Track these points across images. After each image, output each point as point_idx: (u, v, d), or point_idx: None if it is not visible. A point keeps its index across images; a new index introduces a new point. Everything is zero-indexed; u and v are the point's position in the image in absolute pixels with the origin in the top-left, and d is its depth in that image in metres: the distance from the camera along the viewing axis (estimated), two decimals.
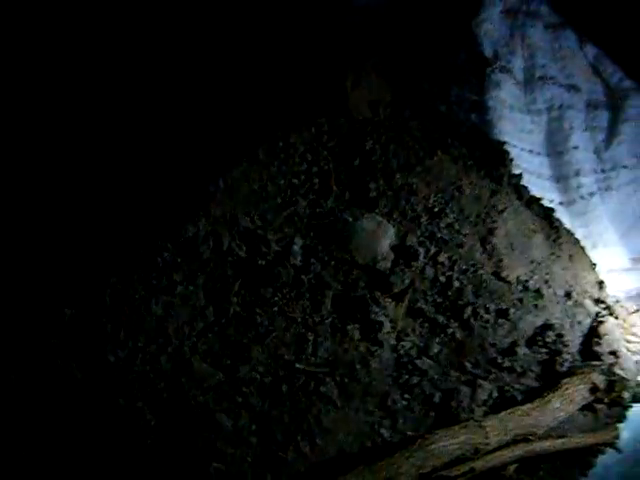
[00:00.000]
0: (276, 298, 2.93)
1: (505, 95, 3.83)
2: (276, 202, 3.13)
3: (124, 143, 3.33)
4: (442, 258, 3.02)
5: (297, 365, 2.82)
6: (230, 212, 3.06)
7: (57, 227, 3.12)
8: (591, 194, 3.70)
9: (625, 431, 2.85)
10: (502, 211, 3.15)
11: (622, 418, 2.85)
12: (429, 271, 3.00)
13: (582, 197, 3.69)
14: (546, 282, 3.06)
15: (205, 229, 3.02)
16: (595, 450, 2.80)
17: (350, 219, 3.04)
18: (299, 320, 2.90)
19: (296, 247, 3.01)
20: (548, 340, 2.92)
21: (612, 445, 2.80)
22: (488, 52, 3.95)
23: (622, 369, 2.88)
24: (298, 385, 2.78)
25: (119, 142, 3.33)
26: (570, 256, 3.21)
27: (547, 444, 2.70)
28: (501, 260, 3.03)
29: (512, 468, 2.68)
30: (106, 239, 3.03)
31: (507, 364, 2.88)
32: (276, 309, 2.91)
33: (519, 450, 2.65)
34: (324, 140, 3.30)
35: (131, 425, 2.64)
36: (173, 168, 3.17)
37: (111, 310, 2.84)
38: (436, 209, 3.13)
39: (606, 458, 2.83)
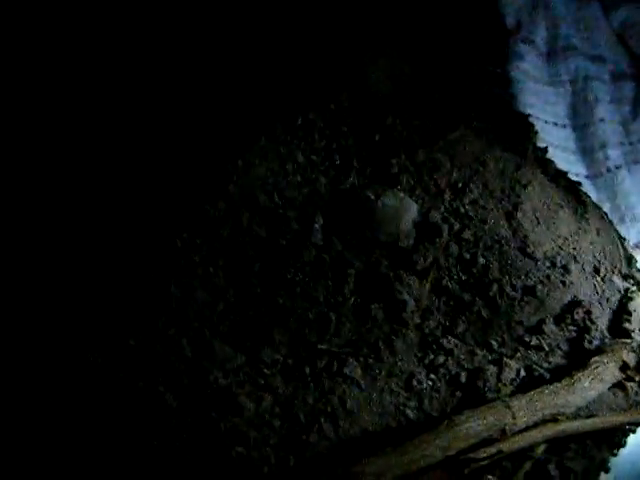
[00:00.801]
0: (297, 278, 2.88)
1: (528, 67, 3.77)
2: (296, 180, 3.07)
3: (140, 125, 3.28)
4: (466, 234, 2.95)
5: (320, 346, 2.78)
6: (249, 191, 3.01)
7: (75, 208, 3.08)
8: (618, 167, 3.61)
9: None
10: (527, 185, 3.07)
11: None
12: (453, 248, 2.93)
13: (609, 170, 3.61)
14: (574, 258, 2.98)
15: (224, 209, 2.97)
16: (626, 430, 2.75)
17: (372, 196, 2.98)
18: (321, 300, 2.86)
19: (317, 226, 2.95)
20: (576, 317, 2.85)
21: None
22: (510, 23, 3.90)
23: None
24: (321, 367, 2.74)
25: (135, 124, 3.27)
26: (598, 230, 3.13)
27: (576, 424, 2.64)
28: (527, 236, 2.95)
29: (540, 449, 2.64)
30: (124, 222, 2.99)
31: (534, 342, 2.82)
32: (298, 290, 2.86)
33: (547, 430, 2.59)
34: (344, 116, 3.23)
35: (152, 409, 2.62)
36: (191, 149, 3.12)
37: (130, 293, 2.81)
38: (460, 184, 3.06)
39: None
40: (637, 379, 2.79)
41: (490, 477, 2.55)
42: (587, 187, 3.44)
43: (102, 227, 3.00)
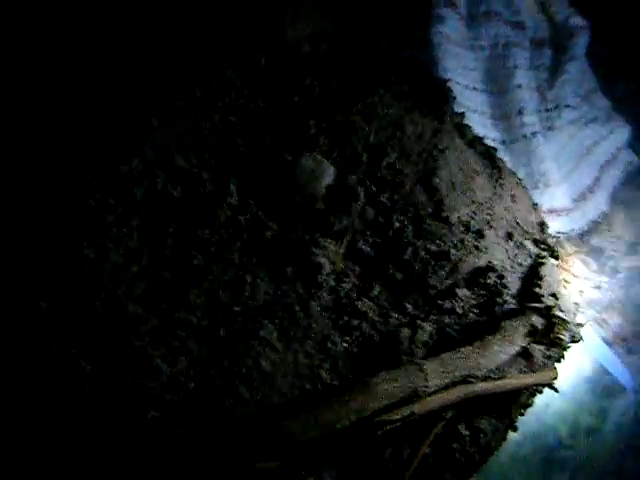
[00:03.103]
0: (213, 240, 2.85)
1: (449, 30, 3.76)
2: (212, 140, 3.02)
3: (55, 78, 3.17)
4: (382, 198, 2.95)
5: (235, 308, 2.76)
6: (165, 151, 2.95)
7: None
8: (534, 133, 3.66)
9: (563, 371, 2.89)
10: (444, 150, 3.07)
11: (561, 359, 2.87)
12: (369, 211, 2.94)
13: (525, 136, 3.66)
14: (488, 223, 3.02)
15: (139, 169, 2.91)
16: (534, 390, 2.83)
17: (289, 158, 2.96)
18: (237, 262, 2.84)
19: (232, 187, 2.92)
20: (489, 282, 2.90)
21: (550, 385, 2.83)
22: None
23: (561, 311, 2.88)
24: (236, 329, 2.73)
25: (49, 77, 3.16)
26: (512, 196, 3.17)
27: (487, 385, 2.70)
28: (442, 201, 2.97)
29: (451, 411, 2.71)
30: (35, 179, 2.90)
31: (448, 305, 2.86)
32: (213, 251, 2.84)
33: (459, 392, 2.65)
34: (262, 75, 3.18)
35: (65, 373, 2.57)
36: (106, 106, 3.03)
37: (41, 255, 2.74)
38: (377, 148, 3.05)
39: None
40: (545, 342, 2.86)
41: None
42: (503, 152, 3.50)
43: (12, 181, 2.91)
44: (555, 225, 3.41)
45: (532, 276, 3.00)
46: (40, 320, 2.64)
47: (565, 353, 2.89)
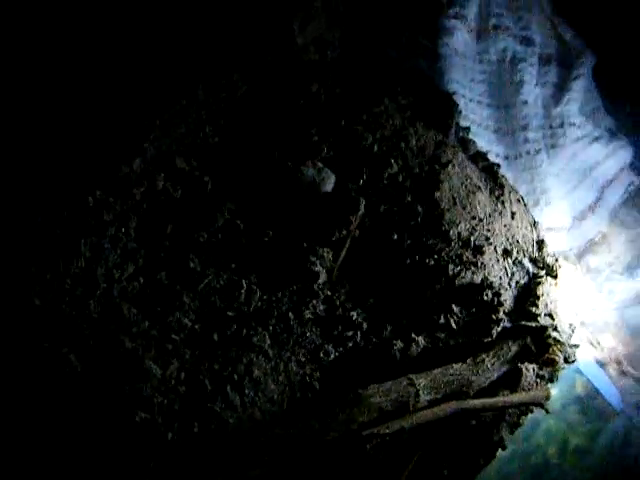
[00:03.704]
0: (210, 243, 2.85)
1: (457, 43, 3.74)
2: (214, 143, 3.01)
3: (58, 75, 3.15)
4: (382, 209, 2.95)
5: (229, 313, 2.76)
6: (166, 152, 2.94)
7: None
8: (537, 150, 3.68)
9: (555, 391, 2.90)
10: (447, 164, 3.08)
11: (553, 379, 2.87)
12: (368, 222, 2.94)
13: (528, 152, 3.67)
14: (487, 239, 3.01)
15: (139, 169, 2.90)
16: (525, 410, 2.83)
17: (291, 164, 2.95)
18: (233, 267, 2.83)
19: (233, 191, 2.92)
20: (485, 298, 2.90)
21: (542, 405, 2.83)
22: None
23: (557, 331, 2.89)
24: (229, 334, 2.72)
25: (52, 74, 3.14)
26: (512, 214, 3.17)
27: (477, 402, 2.70)
28: (442, 215, 2.97)
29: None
30: (34, 175, 2.88)
31: (442, 320, 2.86)
32: (210, 255, 2.83)
33: (449, 408, 2.64)
34: (268, 80, 3.17)
35: (56, 371, 2.55)
36: (109, 105, 3.01)
37: (36, 250, 2.72)
38: (380, 158, 3.05)
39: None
40: (539, 362, 2.86)
41: None
42: (505, 168, 3.50)
43: (11, 176, 2.89)
44: (554, 243, 3.41)
45: (529, 295, 3.01)
46: (33, 317, 2.62)
47: (558, 374, 2.89)
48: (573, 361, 2.94)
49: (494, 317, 2.87)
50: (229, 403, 2.61)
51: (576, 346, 2.96)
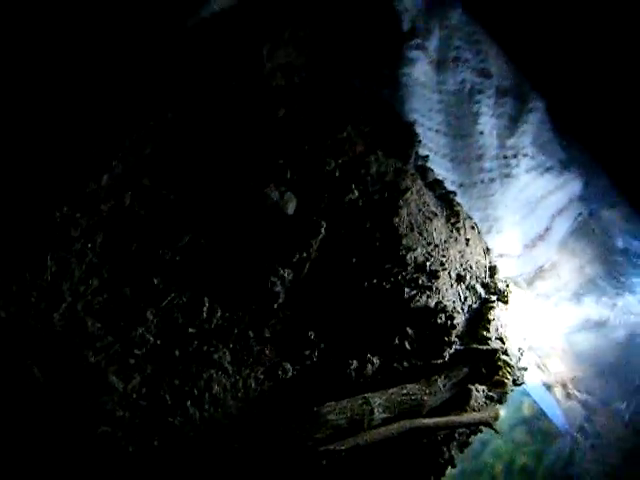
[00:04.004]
0: (174, 260, 2.90)
1: (418, 73, 3.84)
2: (181, 163, 3.07)
3: (31, 90, 3.18)
4: (342, 233, 3.04)
5: (190, 330, 2.81)
6: (133, 170, 2.99)
7: None
8: (492, 179, 3.79)
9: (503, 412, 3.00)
10: (405, 191, 3.17)
11: (502, 400, 2.98)
12: (329, 245, 3.01)
13: (482, 181, 3.78)
14: (442, 265, 3.12)
15: (107, 185, 2.95)
16: (474, 429, 2.93)
17: (255, 186, 3.02)
18: (196, 285, 2.89)
19: (197, 210, 2.98)
20: (439, 321, 3.00)
21: (491, 425, 2.93)
22: (406, 27, 3.94)
23: (506, 354, 2.99)
24: (190, 350, 2.78)
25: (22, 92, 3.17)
26: (467, 240, 3.28)
27: (430, 422, 2.80)
28: (400, 240, 3.06)
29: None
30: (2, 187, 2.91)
31: (397, 342, 2.95)
32: (173, 272, 2.89)
33: (402, 427, 2.73)
34: (235, 103, 3.24)
35: (18, 382, 2.59)
36: (77, 122, 3.06)
37: (2, 263, 2.75)
38: (341, 184, 3.13)
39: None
40: (489, 384, 2.97)
41: None
42: (460, 195, 3.59)
43: None
44: (505, 269, 3.52)
45: (480, 318, 3.12)
46: None
47: (507, 395, 2.99)
48: (521, 384, 3.05)
49: (447, 339, 2.97)
50: (189, 418, 2.67)
51: (524, 369, 3.07)
